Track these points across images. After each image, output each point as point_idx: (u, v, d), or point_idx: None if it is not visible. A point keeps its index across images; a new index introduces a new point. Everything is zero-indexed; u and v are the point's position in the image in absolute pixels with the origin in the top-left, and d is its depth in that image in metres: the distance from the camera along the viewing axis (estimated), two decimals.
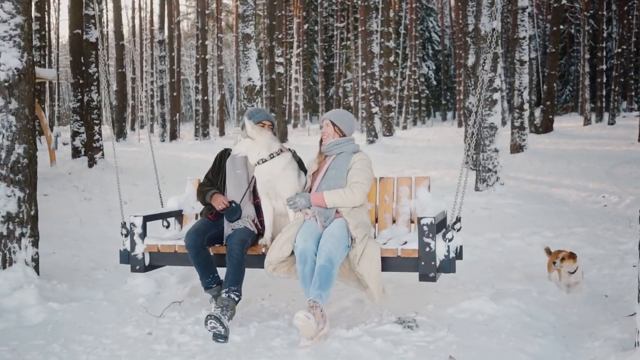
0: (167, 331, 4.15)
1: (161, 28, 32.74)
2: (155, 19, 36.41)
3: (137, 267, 4.59)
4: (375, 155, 18.30)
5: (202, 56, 32.01)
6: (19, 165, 5.16)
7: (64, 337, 4.06)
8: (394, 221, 4.56)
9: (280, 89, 23.79)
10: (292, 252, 4.07)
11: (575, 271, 4.89)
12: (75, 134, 17.77)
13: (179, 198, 5.13)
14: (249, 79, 15.26)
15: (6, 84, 5.06)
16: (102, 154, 16.05)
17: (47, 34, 37.22)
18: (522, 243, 6.91)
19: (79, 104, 16.95)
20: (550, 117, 20.27)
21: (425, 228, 3.91)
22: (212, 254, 4.43)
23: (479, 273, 5.60)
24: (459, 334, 4.00)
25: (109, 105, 5.56)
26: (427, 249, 3.93)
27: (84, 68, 16.22)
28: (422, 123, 48.86)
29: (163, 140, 33.28)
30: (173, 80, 33.47)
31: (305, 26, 50.84)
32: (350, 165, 4.32)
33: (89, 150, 15.78)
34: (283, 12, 30.56)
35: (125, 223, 4.62)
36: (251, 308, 4.70)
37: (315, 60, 50.86)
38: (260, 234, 4.53)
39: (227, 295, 4.08)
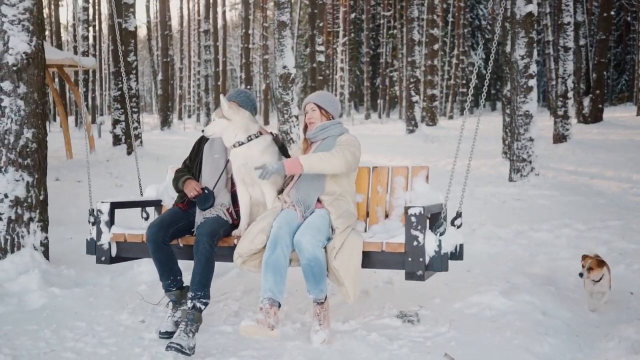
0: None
1: (206, 17, 32.96)
2: (203, 9, 36.66)
3: (103, 259, 4.20)
4: (414, 144, 17.98)
5: (246, 45, 32.08)
6: (28, 149, 5.15)
7: (58, 323, 4.02)
8: (386, 215, 4.08)
9: (321, 77, 23.61)
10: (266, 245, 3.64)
11: (600, 279, 4.22)
12: (116, 122, 18.02)
13: (157, 187, 4.71)
14: (284, 67, 15.16)
15: (14, 68, 5.05)
16: (141, 142, 16.24)
17: (98, 24, 38.09)
18: (550, 236, 6.58)
19: (119, 92, 17.19)
20: (600, 106, 19.48)
21: (413, 219, 3.43)
22: (181, 245, 4.04)
23: (496, 266, 5.34)
24: (461, 330, 3.79)
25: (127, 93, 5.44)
26: (415, 243, 3.44)
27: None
28: (470, 113, 47.97)
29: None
30: (218, 69, 33.66)
31: (352, 15, 50.45)
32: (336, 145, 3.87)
33: (128, 138, 15.99)
34: (325, 0, 30.30)
35: (92, 210, 4.28)
36: (249, 297, 4.57)
37: (362, 49, 50.37)
38: (235, 224, 4.06)
39: (192, 304, 3.61)
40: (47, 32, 37.35)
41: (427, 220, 3.58)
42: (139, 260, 5.18)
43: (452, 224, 3.71)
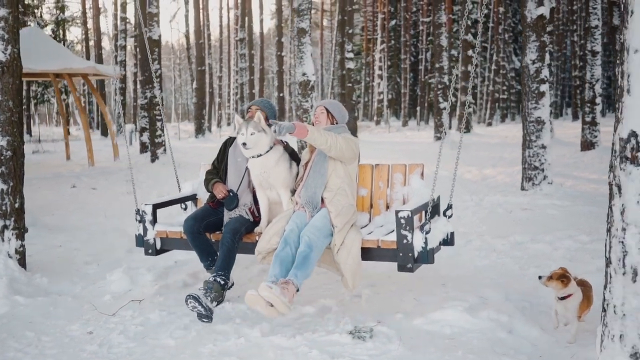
0: (109, 331, 4.00)
1: (242, 26, 33.24)
2: (238, 18, 36.99)
3: (150, 251, 4.85)
4: (437, 152, 17.62)
5: (279, 53, 32.19)
6: (2, 157, 5.16)
7: (8, 332, 4.00)
8: (387, 207, 4.66)
9: (350, 84, 23.45)
10: None
11: (565, 298, 3.81)
12: (143, 130, 18.29)
13: (193, 183, 5.45)
14: (304, 74, 15.06)
15: None
16: (164, 150, 16.35)
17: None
18: (548, 248, 6.28)
19: (146, 100, 17.41)
20: None
21: (402, 221, 3.95)
22: (213, 240, 4.65)
23: (477, 280, 5.09)
24: (411, 348, 3.61)
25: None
26: (405, 241, 3.96)
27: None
28: (511, 119, 46.99)
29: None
30: (252, 77, 33.87)
31: (393, 22, 50.15)
32: None
33: (152, 145, 16.14)
34: (360, 7, 30.17)
35: (138, 210, 4.87)
36: None
37: (401, 56, 49.96)
38: (257, 221, 4.64)
39: (213, 278, 4.23)
40: (91, 42, 38.32)
41: (418, 217, 4.30)
42: (113, 271, 5.25)
43: (444, 214, 4.25)
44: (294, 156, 4.70)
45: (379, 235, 4.18)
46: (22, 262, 5.33)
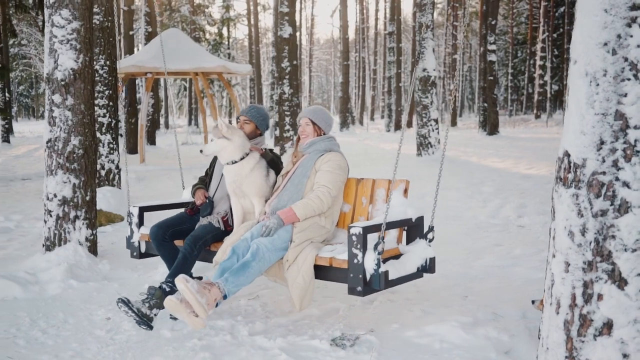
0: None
1: (391, 19, 33.23)
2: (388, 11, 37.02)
3: (134, 254, 4.87)
4: None
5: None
6: (74, 155, 5.77)
7: (43, 313, 4.49)
8: None
9: (492, 77, 22.57)
10: None
11: None
12: (276, 124, 19.12)
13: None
14: (424, 70, 14.85)
15: (63, 83, 5.69)
16: (292, 144, 16.95)
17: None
18: None
19: (277, 97, 18.15)
20: None
21: (353, 238, 3.64)
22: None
23: (502, 294, 4.80)
24: None
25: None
26: (355, 261, 3.65)
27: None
28: None
29: (388, 130, 33.88)
30: (399, 71, 33.78)
31: (562, 9, 47.25)
32: (319, 166, 4.16)
33: (281, 139, 16.81)
34: None
35: (129, 212, 4.89)
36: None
37: (565, 46, 46.90)
38: (230, 230, 4.49)
39: (159, 284, 4.17)
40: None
41: (398, 237, 4.05)
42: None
43: (425, 237, 3.96)
44: (274, 164, 4.57)
45: (336, 254, 3.87)
46: (92, 250, 5.93)
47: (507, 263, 5.84)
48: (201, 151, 4.41)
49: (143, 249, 4.87)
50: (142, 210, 4.88)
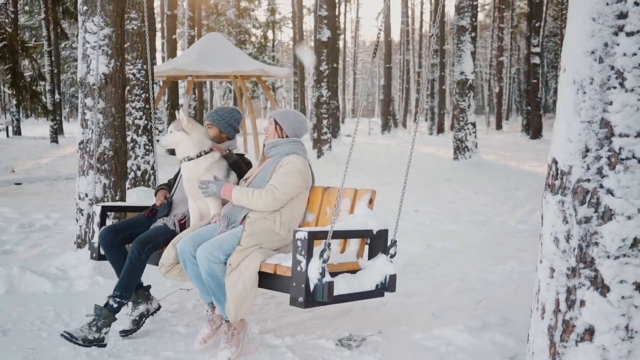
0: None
1: (434, 22, 33.04)
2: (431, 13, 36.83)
3: (94, 255, 4.58)
4: None
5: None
6: (105, 156, 6.00)
7: (68, 307, 4.69)
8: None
9: (535, 80, 22.20)
10: None
11: None
12: (314, 127, 19.25)
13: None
14: (462, 73, 14.76)
15: (95, 87, 5.93)
16: (330, 146, 17.07)
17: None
18: None
19: (315, 100, 18.30)
20: None
21: (298, 244, 3.29)
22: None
23: (517, 300, 4.79)
24: None
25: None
26: (299, 268, 3.30)
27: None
28: None
29: (431, 134, 33.68)
30: (443, 73, 33.56)
31: None
32: (278, 168, 3.88)
33: (318, 142, 16.95)
34: None
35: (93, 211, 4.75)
36: None
37: None
38: None
39: (106, 301, 3.96)
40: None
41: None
42: None
43: (386, 253, 3.61)
44: (237, 167, 4.24)
45: (283, 261, 3.56)
46: None
47: (529, 269, 5.80)
48: (157, 141, 4.28)
49: (102, 251, 4.47)
50: (105, 209, 4.71)
